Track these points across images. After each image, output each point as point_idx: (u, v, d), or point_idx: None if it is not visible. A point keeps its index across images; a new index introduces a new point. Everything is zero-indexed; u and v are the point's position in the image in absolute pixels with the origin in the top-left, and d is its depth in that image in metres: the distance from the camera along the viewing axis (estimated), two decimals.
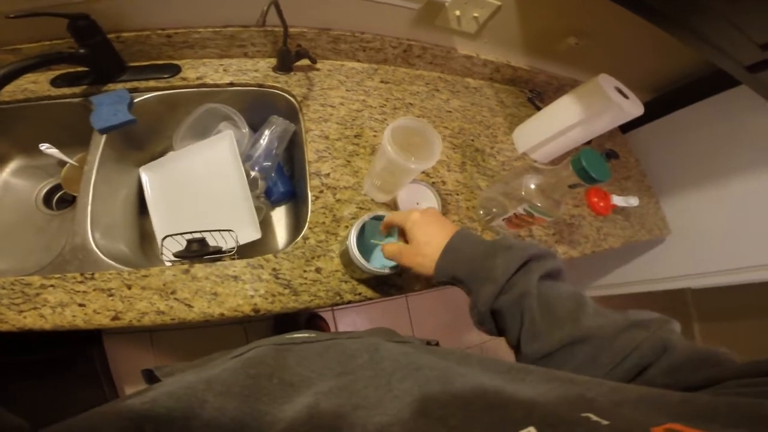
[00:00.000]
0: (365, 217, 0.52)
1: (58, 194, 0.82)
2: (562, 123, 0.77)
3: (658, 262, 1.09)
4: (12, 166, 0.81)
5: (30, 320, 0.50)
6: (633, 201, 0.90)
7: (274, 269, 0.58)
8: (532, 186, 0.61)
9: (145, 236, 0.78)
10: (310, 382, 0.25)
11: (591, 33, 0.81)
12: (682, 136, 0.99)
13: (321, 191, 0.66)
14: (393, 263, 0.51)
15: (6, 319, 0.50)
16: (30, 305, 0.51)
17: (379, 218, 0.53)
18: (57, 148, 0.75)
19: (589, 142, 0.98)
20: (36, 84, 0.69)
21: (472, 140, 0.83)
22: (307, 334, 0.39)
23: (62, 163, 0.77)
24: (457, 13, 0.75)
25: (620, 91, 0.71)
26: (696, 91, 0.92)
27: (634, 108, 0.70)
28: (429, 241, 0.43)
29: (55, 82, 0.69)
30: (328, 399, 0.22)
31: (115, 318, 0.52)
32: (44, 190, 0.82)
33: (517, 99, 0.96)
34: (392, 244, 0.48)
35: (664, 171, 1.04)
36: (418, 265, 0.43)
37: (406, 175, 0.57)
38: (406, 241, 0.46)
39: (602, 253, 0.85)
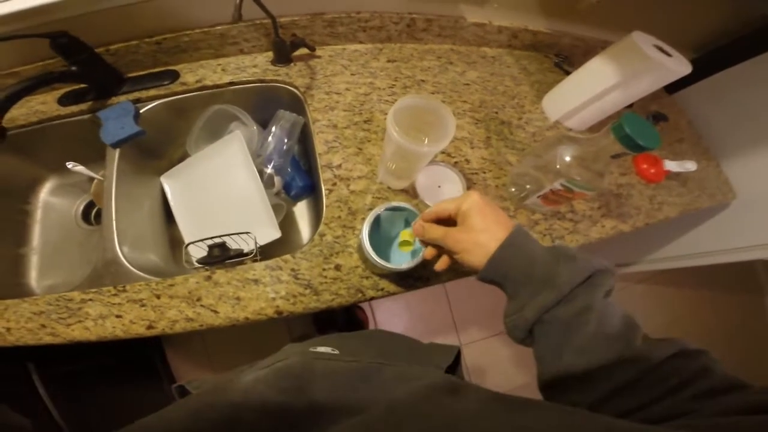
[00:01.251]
0: (378, 209, 0.48)
1: (95, 209, 0.86)
2: (597, 87, 0.68)
3: (723, 232, 0.97)
4: (48, 186, 0.85)
5: (77, 333, 0.54)
6: (690, 165, 0.79)
7: (292, 270, 0.57)
8: (568, 158, 0.54)
9: (175, 243, 0.79)
10: (334, 406, 0.26)
11: None
12: (742, 94, 0.86)
13: (334, 184, 0.63)
14: (411, 258, 0.47)
15: (57, 333, 0.54)
16: (75, 319, 0.54)
17: (396, 209, 0.49)
18: (83, 164, 0.77)
19: (630, 106, 0.87)
20: (45, 105, 0.71)
21: (496, 112, 0.75)
22: (330, 350, 0.39)
23: (92, 179, 0.80)
24: None
25: (660, 49, 0.62)
26: (748, 47, 0.80)
27: (679, 65, 0.61)
28: (486, 229, 0.37)
29: (62, 101, 0.71)
30: None
31: (150, 327, 0.54)
32: (81, 206, 0.86)
33: (542, 65, 0.87)
34: (438, 227, 0.41)
35: (722, 132, 0.91)
36: (465, 252, 0.38)
37: (419, 159, 0.52)
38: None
39: (659, 224, 0.75)
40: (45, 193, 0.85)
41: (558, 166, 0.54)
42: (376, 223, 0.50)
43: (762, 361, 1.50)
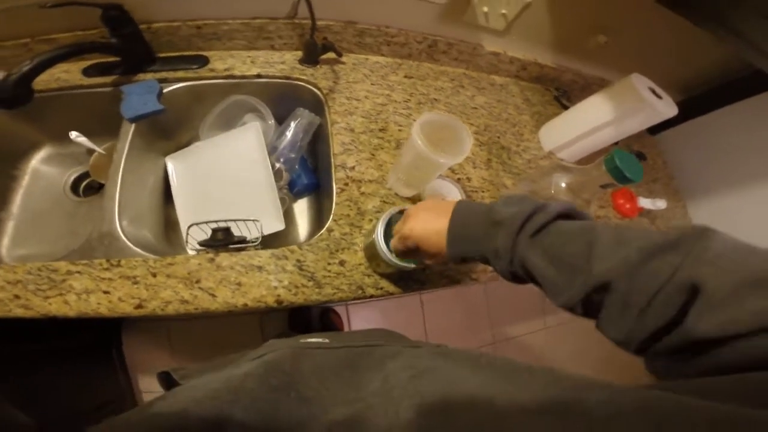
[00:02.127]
0: (392, 210, 0.51)
1: (86, 181, 0.83)
2: (591, 122, 0.75)
3: None
4: (42, 153, 0.83)
5: (55, 307, 0.50)
6: (660, 204, 0.88)
7: (298, 260, 0.58)
8: (563, 185, 0.60)
9: (169, 224, 0.79)
10: (324, 402, 0.26)
11: (621, 31, 0.79)
12: (714, 139, 0.95)
13: (346, 184, 0.66)
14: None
15: (32, 306, 0.50)
16: (56, 291, 0.51)
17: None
18: (86, 136, 0.76)
19: (616, 143, 0.95)
20: (68, 73, 0.70)
21: (498, 137, 0.81)
22: (321, 339, 0.39)
23: (90, 152, 0.78)
24: (485, 9, 0.73)
25: (653, 91, 0.69)
26: (730, 92, 0.89)
27: (667, 108, 0.68)
28: (427, 222, 0.41)
29: (87, 72, 0.71)
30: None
31: (138, 306, 0.52)
32: (72, 177, 0.84)
33: (543, 97, 0.94)
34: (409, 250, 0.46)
35: (693, 174, 1.00)
36: (434, 249, 0.41)
37: (433, 170, 0.57)
38: None
39: None
40: (37, 160, 0.82)
41: (552, 191, 0.60)
42: (387, 224, 0.53)
43: None
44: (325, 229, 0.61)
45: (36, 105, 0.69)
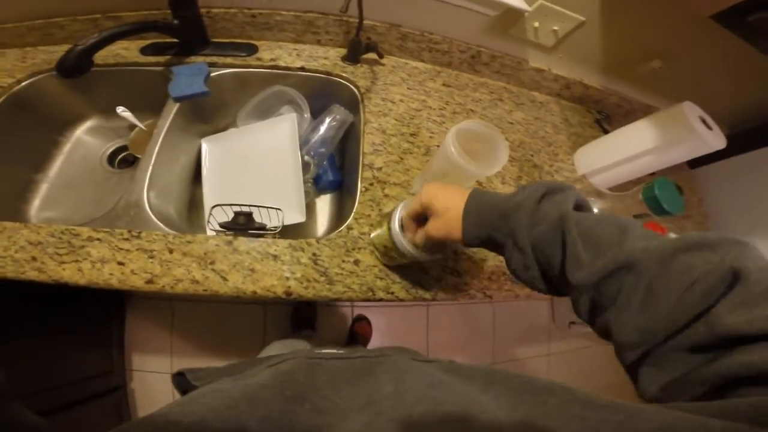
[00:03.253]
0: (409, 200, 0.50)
1: (122, 155, 0.87)
2: (633, 148, 0.72)
3: None
4: (88, 124, 0.87)
5: (68, 273, 0.51)
6: None
7: (314, 254, 0.58)
8: (596, 210, 0.57)
9: (193, 204, 0.80)
10: (338, 411, 0.26)
11: (677, 57, 0.76)
12: (756, 180, 0.89)
13: (371, 183, 0.65)
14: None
15: (45, 269, 0.51)
16: (72, 257, 0.52)
17: None
18: (131, 112, 0.79)
19: (653, 174, 0.91)
20: (127, 51, 0.74)
21: (532, 155, 0.79)
22: (335, 350, 0.39)
23: (132, 127, 0.81)
24: (536, 24, 0.72)
25: (704, 122, 0.65)
26: None
27: (716, 140, 0.64)
28: (448, 206, 0.40)
29: (145, 51, 0.74)
30: None
31: (149, 281, 0.52)
32: (110, 150, 0.87)
33: (583, 118, 0.91)
34: (420, 232, 0.45)
35: (729, 216, 0.94)
36: (448, 233, 0.41)
37: (462, 179, 0.55)
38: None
39: None
40: (81, 130, 0.87)
41: None
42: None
43: None
44: (345, 226, 0.61)
45: (91, 78, 0.72)
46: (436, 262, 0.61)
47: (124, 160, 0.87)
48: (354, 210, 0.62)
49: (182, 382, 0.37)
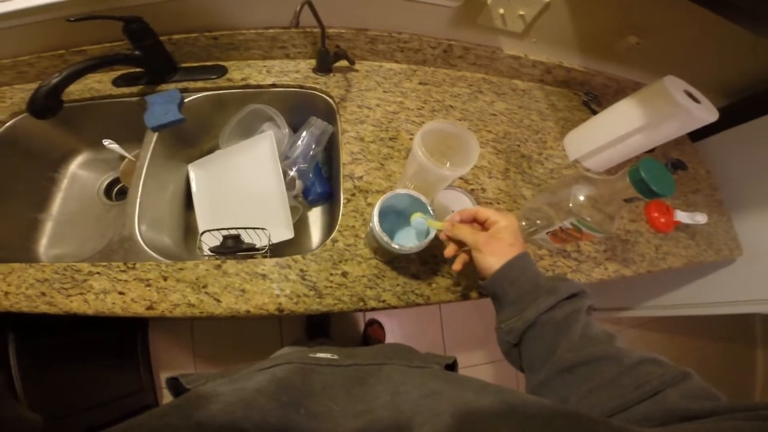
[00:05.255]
0: (390, 193, 0.50)
1: (118, 186, 0.89)
2: (621, 128, 0.69)
3: (725, 283, 0.97)
4: (80, 159, 0.89)
5: (75, 305, 0.54)
6: (700, 218, 0.80)
7: (301, 270, 0.58)
8: (582, 198, 0.55)
9: (189, 230, 0.82)
10: (333, 416, 0.27)
11: (654, 31, 0.73)
12: (765, 146, 0.86)
13: (353, 194, 0.65)
14: (420, 242, 0.49)
15: (55, 303, 0.54)
16: (77, 290, 0.55)
17: (411, 197, 0.51)
18: (118, 143, 0.81)
19: (651, 151, 0.88)
20: (100, 83, 0.75)
21: (518, 145, 0.77)
22: (330, 355, 0.40)
23: (123, 157, 0.83)
24: (501, 11, 0.70)
25: (690, 95, 0.63)
26: None
27: (706, 113, 0.61)
28: (513, 244, 0.45)
29: (116, 82, 0.75)
30: None
31: (149, 308, 0.54)
32: (106, 182, 0.89)
33: (570, 102, 0.89)
34: (468, 227, 0.47)
35: (739, 185, 0.91)
36: (491, 253, 0.44)
37: (439, 181, 0.54)
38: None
39: (661, 273, 0.76)
40: (75, 164, 0.89)
41: (570, 205, 0.55)
42: (386, 213, 0.52)
43: None
44: (329, 239, 0.61)
45: (72, 113, 0.75)
46: (427, 262, 0.61)
47: (121, 191, 0.89)
48: (338, 222, 0.62)
49: (176, 385, 0.38)
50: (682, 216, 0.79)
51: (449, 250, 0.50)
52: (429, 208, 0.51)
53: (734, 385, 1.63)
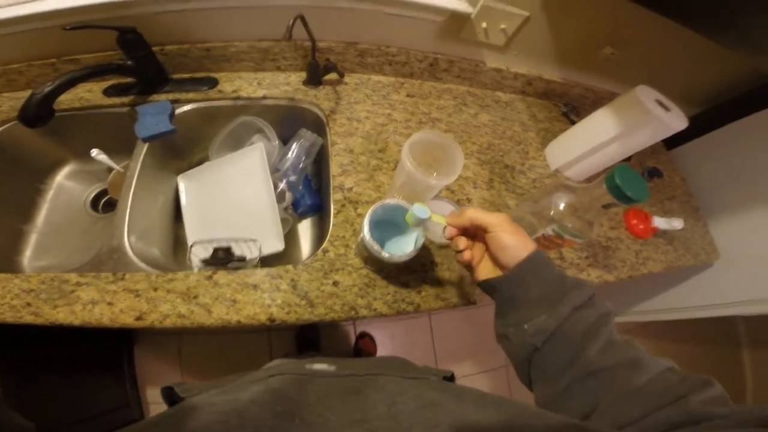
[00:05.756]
0: (380, 203, 0.50)
1: (105, 198, 0.88)
2: (597, 138, 0.73)
3: (706, 288, 1.00)
4: (67, 169, 0.88)
5: (62, 315, 0.53)
6: (677, 224, 0.83)
7: (292, 280, 0.59)
8: (562, 206, 0.58)
9: (178, 241, 0.81)
10: (329, 426, 0.26)
11: (628, 42, 0.77)
12: (735, 153, 0.90)
13: (343, 205, 0.66)
14: (410, 251, 0.50)
15: (41, 313, 0.53)
16: (64, 301, 0.54)
17: (401, 207, 0.52)
18: (106, 154, 0.80)
19: (628, 159, 0.92)
20: (91, 93, 0.75)
21: (502, 156, 0.80)
22: (326, 366, 0.39)
23: (110, 169, 0.82)
24: (484, 25, 0.73)
25: (661, 104, 0.66)
26: (750, 102, 0.84)
27: (676, 121, 0.64)
28: (516, 245, 0.40)
29: (107, 92, 0.75)
30: None
31: (138, 318, 0.54)
32: (93, 194, 0.88)
33: (550, 113, 0.92)
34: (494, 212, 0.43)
35: (713, 191, 0.95)
36: (512, 235, 0.40)
37: (427, 190, 0.56)
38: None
39: (642, 278, 0.79)
40: (62, 175, 0.88)
41: (552, 213, 0.58)
42: (376, 223, 0.53)
43: None
44: (320, 249, 0.62)
45: (61, 123, 0.73)
46: (416, 271, 0.62)
47: (108, 203, 0.88)
48: (329, 233, 0.63)
49: (170, 394, 0.38)
50: (659, 222, 0.82)
51: (460, 242, 0.44)
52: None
53: (725, 388, 1.67)
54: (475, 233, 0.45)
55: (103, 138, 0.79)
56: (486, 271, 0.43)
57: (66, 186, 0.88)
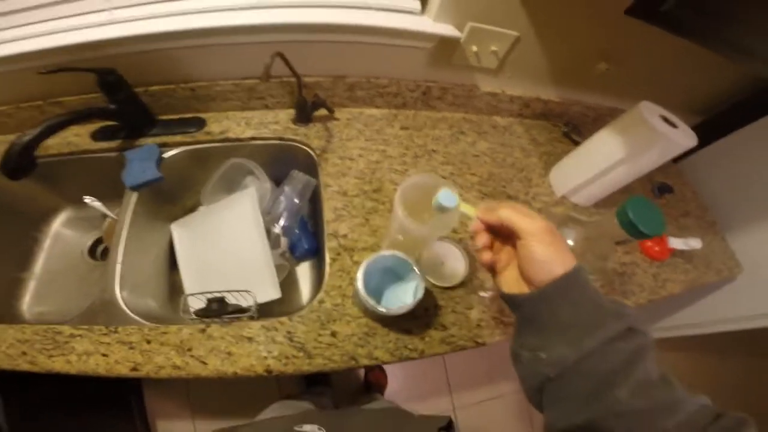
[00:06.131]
0: (373, 257, 0.49)
1: (103, 245, 0.87)
2: (603, 161, 0.69)
3: (732, 300, 0.95)
4: (62, 217, 0.87)
5: (58, 365, 0.53)
6: (694, 243, 0.79)
7: (288, 332, 0.57)
8: (571, 242, 0.54)
9: (175, 289, 0.79)
10: None
11: (622, 56, 0.74)
12: (745, 161, 0.87)
13: (338, 253, 0.63)
14: (410, 302, 0.48)
15: (36, 362, 0.54)
16: (59, 351, 0.54)
17: (396, 258, 0.51)
18: (100, 200, 0.79)
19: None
20: (78, 137, 0.73)
21: (504, 186, 0.77)
22: (317, 428, 0.38)
23: (105, 216, 0.81)
24: (474, 48, 0.71)
25: (667, 120, 0.63)
26: (754, 108, 0.81)
27: (684, 139, 0.61)
28: (549, 260, 0.33)
29: (95, 136, 0.73)
30: None
31: (134, 369, 0.54)
32: (90, 241, 0.87)
33: (551, 134, 0.89)
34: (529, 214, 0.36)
35: (727, 201, 0.91)
36: (546, 246, 0.34)
37: (419, 241, 0.53)
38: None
39: (663, 300, 0.75)
40: (58, 223, 0.87)
41: None
42: (373, 271, 0.52)
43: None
44: (315, 300, 0.59)
45: (52, 169, 0.73)
46: (418, 317, 0.59)
47: (106, 250, 0.87)
48: (325, 282, 0.61)
49: None
50: (676, 243, 0.78)
51: (479, 240, 0.38)
52: (415, 269, 0.50)
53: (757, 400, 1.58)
54: (507, 235, 0.37)
55: (95, 183, 0.78)
56: (510, 281, 0.37)
57: (62, 234, 0.87)
